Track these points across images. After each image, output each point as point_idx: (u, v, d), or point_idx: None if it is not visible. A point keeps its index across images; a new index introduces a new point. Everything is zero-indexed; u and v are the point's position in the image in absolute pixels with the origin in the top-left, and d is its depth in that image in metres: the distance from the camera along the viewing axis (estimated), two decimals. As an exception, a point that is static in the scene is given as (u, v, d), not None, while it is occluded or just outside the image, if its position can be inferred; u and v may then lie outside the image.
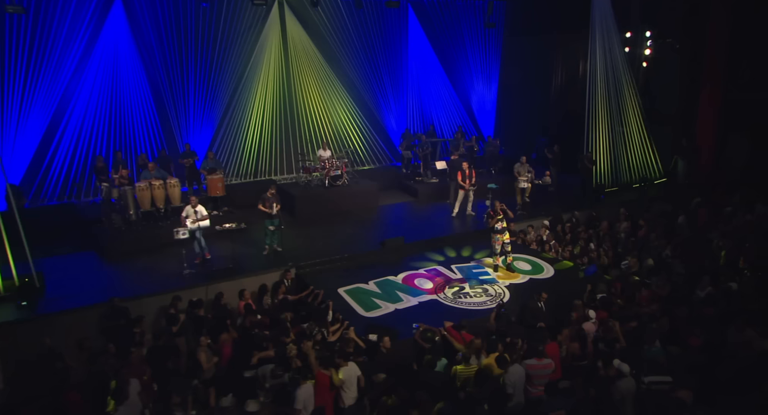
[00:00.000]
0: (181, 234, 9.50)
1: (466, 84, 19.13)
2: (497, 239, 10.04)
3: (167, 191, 11.75)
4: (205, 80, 14.78)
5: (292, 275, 9.89)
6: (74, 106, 13.45)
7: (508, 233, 10.15)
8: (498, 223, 9.92)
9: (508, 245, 10.12)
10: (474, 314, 8.49)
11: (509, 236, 10.17)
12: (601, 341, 7.63)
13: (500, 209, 10.03)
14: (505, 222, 9.99)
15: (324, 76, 16.42)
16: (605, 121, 15.45)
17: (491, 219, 9.92)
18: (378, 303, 8.82)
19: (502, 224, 9.96)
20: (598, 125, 15.35)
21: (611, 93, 15.56)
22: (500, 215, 9.99)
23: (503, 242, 10.06)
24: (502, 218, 9.95)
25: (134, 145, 14.21)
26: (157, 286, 9.33)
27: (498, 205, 10.01)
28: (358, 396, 6.74)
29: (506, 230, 10.08)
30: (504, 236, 10.09)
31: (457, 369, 6.78)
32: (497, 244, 10.07)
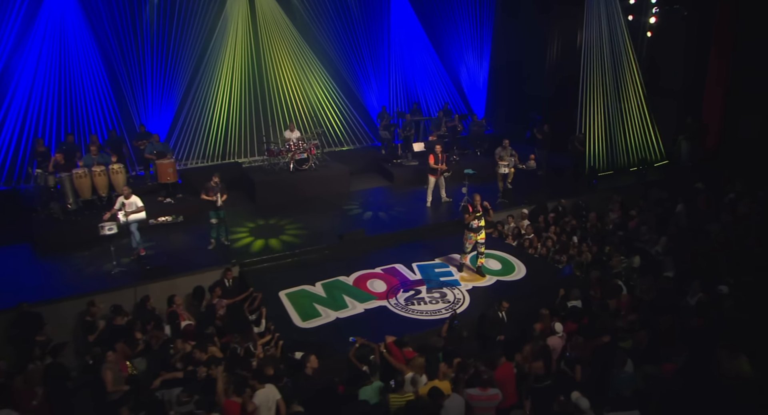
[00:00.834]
0: (107, 230, 8.53)
1: (455, 59, 17.71)
2: (470, 237, 8.81)
3: (110, 178, 10.76)
4: (163, 54, 13.62)
5: (234, 274, 8.95)
6: (17, 83, 12.41)
7: (483, 233, 8.95)
8: (475, 220, 8.69)
9: (481, 245, 8.91)
10: (424, 325, 7.48)
11: (484, 236, 8.98)
12: (565, 362, 6.61)
13: (480, 204, 8.76)
14: (483, 221, 8.78)
15: (297, 50, 15.17)
16: (601, 97, 14.06)
17: (468, 215, 8.72)
18: (318, 310, 7.84)
19: (478, 222, 8.73)
20: (593, 102, 13.99)
21: (609, 66, 14.12)
22: (479, 211, 8.74)
23: (476, 242, 8.88)
24: (481, 215, 8.74)
25: (87, 127, 13.19)
26: (80, 287, 8.44)
27: (478, 199, 8.72)
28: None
29: (482, 229, 8.86)
30: (479, 235, 8.86)
31: (390, 397, 5.82)
32: (469, 242, 8.87)
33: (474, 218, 8.69)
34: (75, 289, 8.35)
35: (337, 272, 9.00)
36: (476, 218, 8.65)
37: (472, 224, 8.70)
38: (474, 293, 8.36)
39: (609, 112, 14.27)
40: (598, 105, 14.09)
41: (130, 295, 8.39)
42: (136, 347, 7.04)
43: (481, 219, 8.72)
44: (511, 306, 7.72)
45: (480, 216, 8.69)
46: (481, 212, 8.70)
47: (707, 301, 7.65)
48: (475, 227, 8.72)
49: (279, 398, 5.93)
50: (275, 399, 5.89)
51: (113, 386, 6.27)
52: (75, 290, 8.32)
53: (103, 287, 8.42)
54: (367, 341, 6.79)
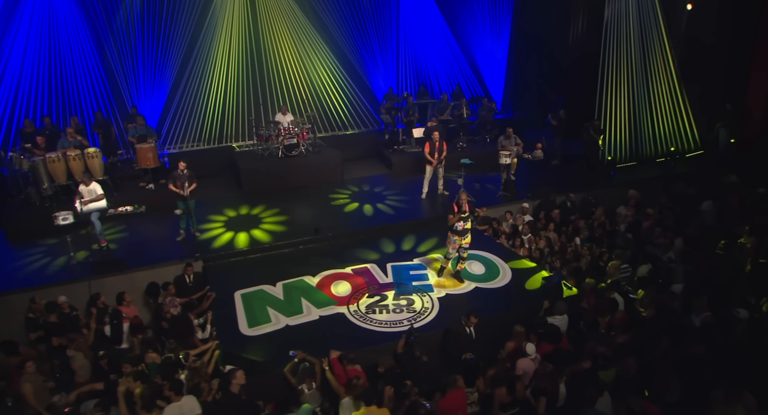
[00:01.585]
0: (61, 219, 8.09)
1: (471, 35, 16.44)
2: (454, 240, 7.77)
3: (86, 162, 10.36)
4: (156, 33, 13.08)
5: (195, 270, 8.39)
6: (6, 63, 12.14)
7: (470, 236, 7.89)
8: (460, 222, 7.65)
9: (465, 250, 7.88)
10: (381, 339, 6.68)
11: (470, 239, 7.90)
12: (532, 391, 5.71)
13: (466, 203, 7.65)
14: (469, 223, 7.76)
15: (298, 27, 14.35)
16: (626, 79, 12.61)
17: (452, 216, 7.63)
18: (270, 315, 7.16)
19: (464, 224, 7.68)
20: (617, 85, 12.57)
21: (636, 43, 12.62)
22: (465, 212, 7.67)
23: (460, 246, 7.84)
24: (467, 217, 7.71)
25: (78, 109, 12.87)
26: (32, 279, 8.05)
27: (464, 198, 7.63)
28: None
29: (468, 232, 7.81)
30: (464, 238, 7.82)
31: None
32: (452, 246, 7.83)
33: (459, 220, 7.64)
34: (26, 281, 7.97)
35: (304, 270, 8.29)
36: (462, 219, 7.59)
37: (457, 226, 7.64)
38: (446, 301, 7.47)
39: (634, 95, 12.83)
40: (622, 87, 12.68)
41: (84, 289, 7.96)
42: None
43: (468, 221, 7.67)
44: (488, 319, 6.84)
45: (466, 217, 7.63)
46: (468, 213, 7.62)
47: (713, 323, 6.53)
48: (460, 230, 7.66)
49: (199, 413, 5.35)
50: (194, 413, 5.32)
51: (35, 401, 5.79)
52: (26, 282, 7.95)
53: (55, 280, 8.01)
54: (308, 356, 6.07)
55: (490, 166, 11.76)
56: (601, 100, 12.47)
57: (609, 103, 12.56)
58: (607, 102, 12.53)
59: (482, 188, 11.50)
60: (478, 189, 11.47)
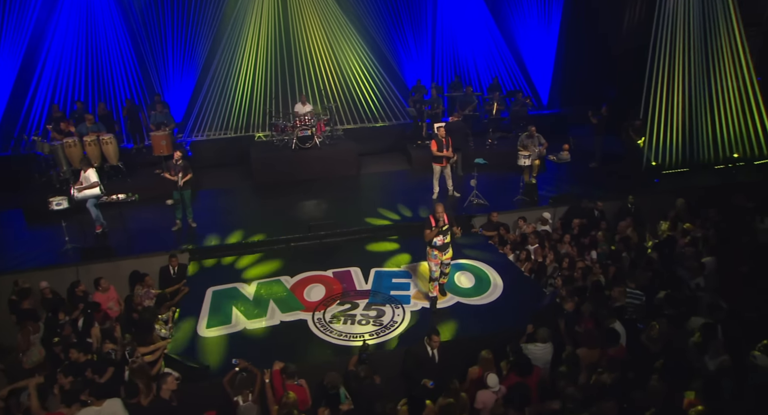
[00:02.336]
0: (55, 205, 8.25)
1: (516, 25, 15.28)
2: (435, 256, 6.85)
3: (101, 148, 10.61)
4: (186, 20, 13.19)
5: (178, 261, 8.28)
6: (48, 51, 12.72)
7: (451, 251, 7.03)
8: (439, 236, 6.79)
9: (447, 266, 7.05)
10: (337, 352, 6.17)
11: (451, 254, 7.04)
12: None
13: (444, 214, 6.76)
14: (449, 236, 6.90)
15: (329, 14, 13.94)
16: (682, 71, 11.09)
17: (429, 230, 6.74)
18: (232, 316, 6.87)
19: (443, 239, 6.82)
20: (670, 78, 11.10)
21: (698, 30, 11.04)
22: (445, 224, 6.80)
23: (442, 262, 6.96)
24: (446, 230, 6.84)
25: (112, 95, 13.29)
26: (24, 261, 8.29)
27: (440, 210, 6.72)
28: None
29: (449, 246, 6.95)
30: (445, 254, 6.93)
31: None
32: (434, 262, 6.90)
33: (438, 234, 6.76)
34: (19, 263, 8.22)
35: (285, 270, 7.94)
36: (441, 233, 6.74)
37: (436, 241, 6.77)
38: (420, 316, 6.82)
39: (692, 91, 11.29)
40: (677, 82, 11.18)
41: (72, 275, 8.09)
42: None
43: (447, 234, 6.81)
44: (459, 340, 6.15)
45: (446, 231, 6.78)
46: (447, 226, 6.80)
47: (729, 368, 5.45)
48: (440, 245, 6.79)
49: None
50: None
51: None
52: (18, 264, 8.19)
53: (45, 263, 8.20)
54: (250, 365, 5.71)
55: (512, 166, 10.81)
56: (648, 97, 11.07)
57: (659, 99, 11.12)
58: (656, 99, 11.11)
59: (500, 190, 10.59)
60: (495, 191, 10.58)
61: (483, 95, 13.04)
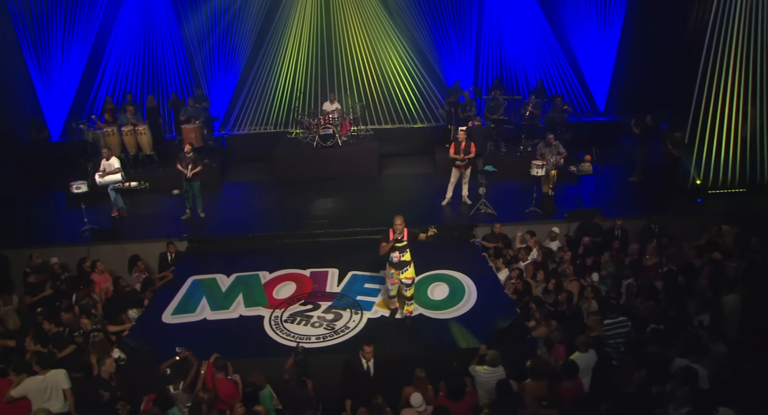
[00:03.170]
0: (75, 188, 8.97)
1: (571, 25, 14.30)
2: (391, 274, 6.34)
3: (136, 138, 11.40)
4: (231, 19, 13.78)
5: (178, 249, 8.68)
6: (111, 48, 13.87)
7: (412, 269, 6.38)
8: (396, 252, 6.20)
9: (408, 287, 6.38)
10: (278, 351, 6.11)
11: (412, 274, 6.40)
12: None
13: (405, 229, 6.17)
14: (408, 253, 6.32)
15: (371, 13, 13.94)
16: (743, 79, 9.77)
17: (384, 243, 6.19)
18: (197, 306, 7.05)
19: (400, 256, 6.25)
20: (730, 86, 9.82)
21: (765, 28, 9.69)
22: (402, 240, 6.21)
23: (401, 282, 6.40)
24: (405, 246, 6.31)
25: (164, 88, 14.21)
26: (48, 238, 9.08)
27: (400, 223, 6.12)
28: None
29: (408, 265, 6.32)
30: (403, 273, 6.30)
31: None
32: (391, 281, 6.44)
33: (394, 249, 6.18)
34: (41, 239, 9.02)
35: (266, 265, 8.02)
36: (397, 249, 6.18)
37: (392, 258, 6.22)
38: (375, 324, 6.57)
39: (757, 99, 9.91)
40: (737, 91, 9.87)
41: (83, 253, 8.72)
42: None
43: (405, 252, 6.26)
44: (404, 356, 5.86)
45: (403, 247, 6.20)
46: (406, 242, 6.23)
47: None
48: (396, 262, 6.22)
49: (67, 388, 5.49)
50: (60, 387, 5.47)
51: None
52: (40, 240, 8.99)
53: (63, 241, 8.94)
54: (190, 355, 5.83)
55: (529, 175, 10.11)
56: (699, 104, 9.87)
57: (712, 107, 9.87)
58: (709, 106, 9.87)
59: (515, 200, 9.97)
60: (510, 200, 9.99)
61: (520, 99, 12.33)
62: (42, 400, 5.44)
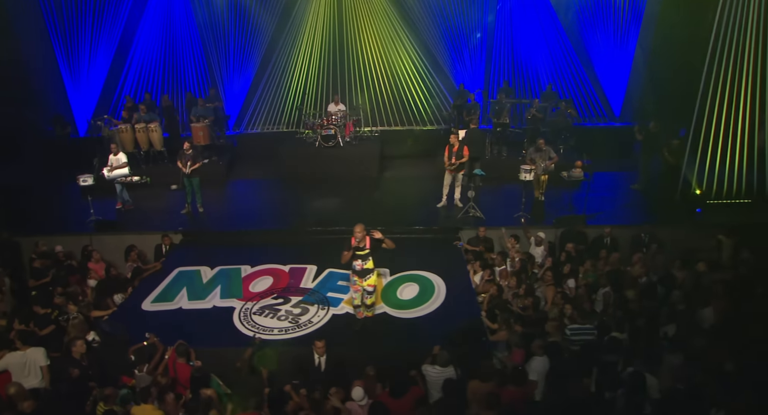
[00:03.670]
0: (81, 181, 9.50)
1: (586, 27, 14.04)
2: (354, 282, 6.38)
3: (148, 135, 11.95)
4: (246, 22, 14.21)
5: (172, 241, 9.09)
6: (135, 49, 14.56)
7: (374, 277, 6.39)
8: (358, 260, 6.19)
9: (370, 295, 6.40)
10: (240, 342, 6.35)
11: (374, 281, 6.39)
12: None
13: (367, 237, 6.17)
14: (370, 261, 6.28)
15: (383, 17, 14.13)
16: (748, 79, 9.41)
17: (346, 251, 6.18)
18: (176, 295, 7.39)
19: (363, 263, 6.23)
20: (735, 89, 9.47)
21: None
22: (364, 248, 6.20)
23: (363, 290, 6.39)
24: (367, 254, 6.27)
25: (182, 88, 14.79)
26: (56, 227, 9.65)
27: (360, 230, 6.11)
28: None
29: (370, 273, 6.30)
30: (365, 280, 6.30)
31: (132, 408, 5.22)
32: (354, 289, 6.45)
33: (356, 257, 6.17)
34: (50, 228, 9.60)
35: (250, 260, 8.30)
36: (359, 256, 6.17)
37: (355, 266, 6.22)
38: (339, 321, 6.73)
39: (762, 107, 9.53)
40: (742, 94, 9.50)
41: (86, 242, 9.27)
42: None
43: (368, 259, 6.26)
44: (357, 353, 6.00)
45: (365, 255, 6.19)
46: (368, 249, 6.20)
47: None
48: (359, 270, 6.21)
49: (44, 365, 5.91)
50: (38, 365, 5.89)
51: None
52: (49, 229, 9.57)
53: (69, 231, 9.50)
54: (158, 341, 6.15)
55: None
56: (702, 109, 9.56)
57: (716, 113, 9.54)
58: (713, 112, 9.54)
59: (507, 204, 9.91)
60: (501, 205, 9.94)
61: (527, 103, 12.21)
62: (21, 375, 5.86)
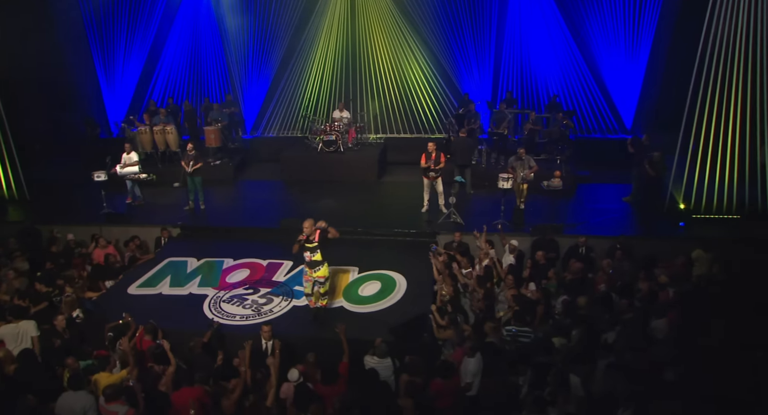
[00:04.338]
0: (96, 177, 10.41)
1: (597, 38, 14.03)
2: (305, 272, 6.85)
3: (165, 137, 12.89)
4: (263, 32, 15.02)
5: (171, 234, 9.84)
6: (164, 57, 15.66)
7: (324, 268, 6.80)
8: (307, 253, 6.65)
9: (321, 285, 6.82)
10: (204, 325, 6.91)
11: (326, 273, 6.83)
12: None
13: (317, 231, 6.59)
14: (318, 254, 6.72)
15: (395, 28, 14.63)
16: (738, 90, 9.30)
17: (296, 243, 6.66)
18: (160, 282, 8.07)
19: (311, 255, 6.69)
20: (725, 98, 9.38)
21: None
22: (313, 241, 6.61)
23: (314, 280, 6.83)
24: (315, 247, 6.71)
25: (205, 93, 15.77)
26: (73, 218, 10.60)
27: (309, 225, 6.53)
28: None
29: (320, 264, 6.75)
30: (315, 271, 6.74)
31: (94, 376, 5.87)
32: (305, 278, 6.88)
33: (306, 249, 6.60)
34: (66, 218, 10.57)
35: (234, 253, 8.89)
36: (308, 249, 6.60)
37: (305, 257, 6.69)
38: (297, 311, 7.21)
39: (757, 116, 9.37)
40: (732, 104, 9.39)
41: (96, 232, 10.15)
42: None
43: (316, 252, 6.70)
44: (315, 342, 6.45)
45: (314, 248, 6.64)
46: (316, 242, 6.63)
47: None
48: (308, 262, 6.69)
49: (35, 336, 6.67)
50: (29, 335, 6.64)
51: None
52: (65, 219, 10.53)
53: (83, 221, 10.43)
54: (132, 320, 6.80)
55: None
56: (690, 122, 9.50)
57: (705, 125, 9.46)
58: (702, 124, 9.46)
59: (490, 212, 10.10)
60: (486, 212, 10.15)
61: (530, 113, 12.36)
62: (14, 344, 6.60)
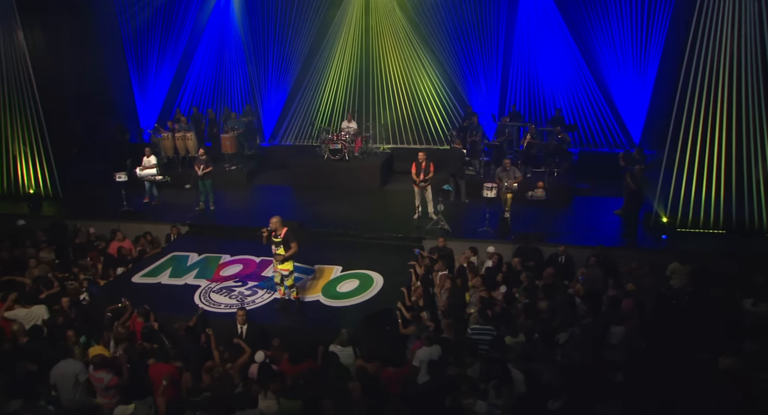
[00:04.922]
0: (117, 178, 11.40)
1: (605, 54, 14.25)
2: (274, 264, 7.58)
3: (185, 143, 13.89)
4: (282, 42, 15.90)
5: (180, 231, 10.69)
6: (192, 68, 16.80)
7: (288, 263, 7.43)
8: (273, 246, 7.36)
9: (287, 278, 7.52)
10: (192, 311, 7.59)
11: (290, 267, 7.51)
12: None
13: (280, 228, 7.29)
14: (282, 248, 7.32)
15: (407, 44, 15.26)
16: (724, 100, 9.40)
17: (264, 237, 7.46)
18: (161, 273, 8.83)
19: (276, 249, 7.32)
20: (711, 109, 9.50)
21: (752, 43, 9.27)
22: (278, 235, 7.28)
23: (280, 273, 7.51)
24: (280, 242, 7.30)
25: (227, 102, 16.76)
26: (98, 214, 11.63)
27: (275, 221, 7.28)
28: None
29: (285, 260, 7.36)
30: (280, 264, 7.39)
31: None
32: (273, 270, 7.64)
33: (272, 243, 7.35)
34: (90, 215, 11.59)
35: (233, 250, 9.61)
36: (273, 243, 7.31)
37: (273, 250, 7.46)
38: (278, 303, 7.81)
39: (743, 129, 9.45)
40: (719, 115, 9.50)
41: (115, 227, 11.11)
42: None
43: (280, 246, 7.32)
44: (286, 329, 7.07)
45: (279, 242, 7.28)
46: (282, 239, 7.30)
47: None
48: (274, 254, 7.40)
49: (46, 319, 7.54)
50: (41, 318, 7.52)
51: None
52: (88, 215, 11.55)
53: (102, 217, 11.42)
54: (129, 305, 7.57)
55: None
56: (677, 133, 9.66)
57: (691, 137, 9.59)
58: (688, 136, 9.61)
59: (479, 220, 10.48)
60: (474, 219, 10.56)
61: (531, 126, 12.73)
62: (28, 325, 7.46)
